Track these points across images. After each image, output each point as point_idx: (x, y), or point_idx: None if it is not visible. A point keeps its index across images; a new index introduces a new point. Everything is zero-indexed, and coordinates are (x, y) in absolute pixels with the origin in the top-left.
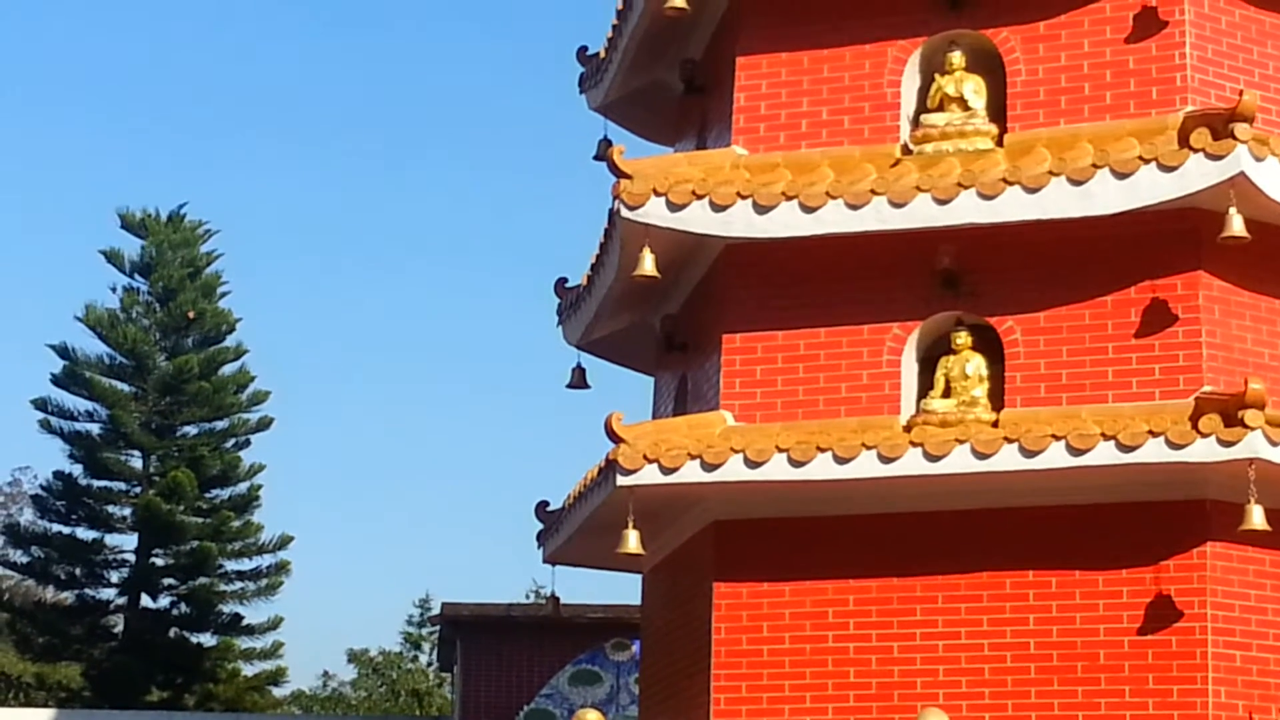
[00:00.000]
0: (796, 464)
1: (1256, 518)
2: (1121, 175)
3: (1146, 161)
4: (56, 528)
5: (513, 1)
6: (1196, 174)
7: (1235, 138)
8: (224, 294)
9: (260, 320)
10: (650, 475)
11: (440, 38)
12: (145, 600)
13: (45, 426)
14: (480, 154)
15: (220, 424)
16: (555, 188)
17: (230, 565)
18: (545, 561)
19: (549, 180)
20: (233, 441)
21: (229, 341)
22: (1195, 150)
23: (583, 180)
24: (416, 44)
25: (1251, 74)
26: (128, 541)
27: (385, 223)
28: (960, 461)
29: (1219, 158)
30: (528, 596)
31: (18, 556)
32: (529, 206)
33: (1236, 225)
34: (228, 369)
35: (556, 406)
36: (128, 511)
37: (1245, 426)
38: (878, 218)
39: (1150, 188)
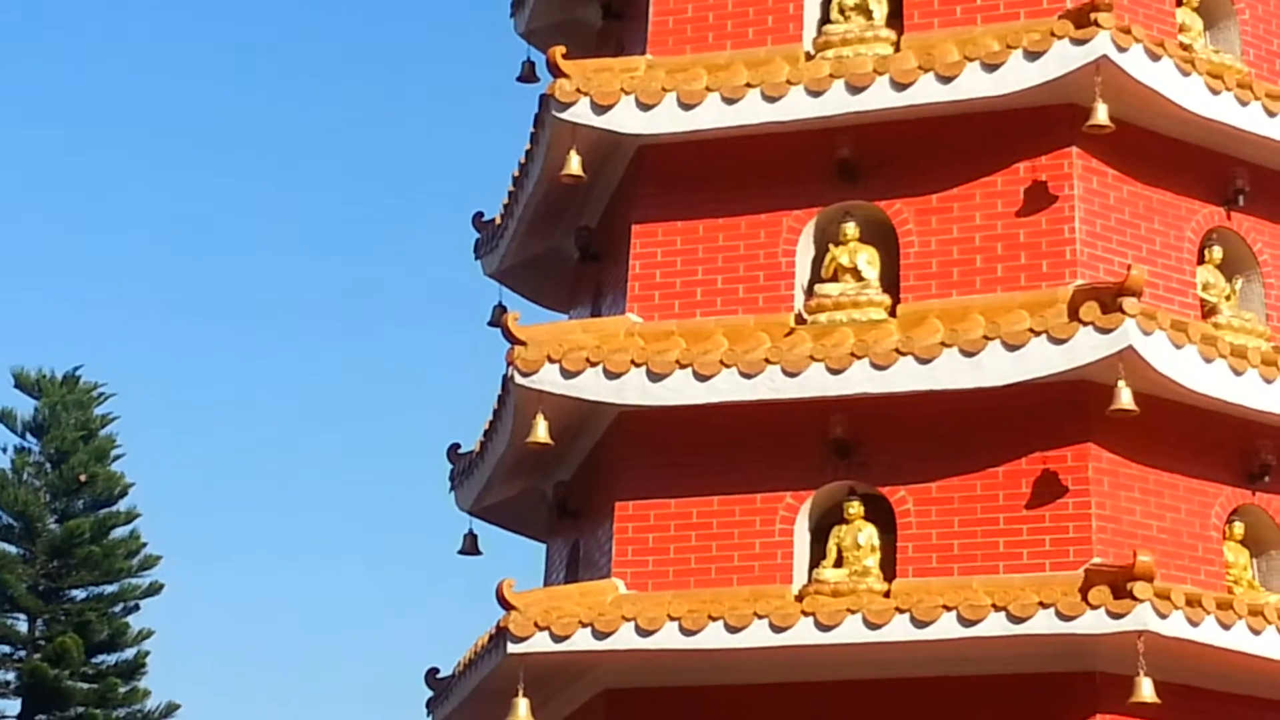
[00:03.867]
0: (688, 633)
1: (1145, 690)
2: (1012, 347)
3: (1037, 334)
4: None
5: (405, 166)
6: (1086, 347)
7: (1124, 312)
8: (117, 457)
9: (152, 484)
10: (541, 643)
11: (331, 203)
12: None
13: None
14: (372, 321)
15: (109, 588)
16: (449, 354)
17: None
18: None
19: (442, 346)
20: (121, 606)
21: (121, 505)
22: (1085, 324)
23: (477, 346)
24: (305, 210)
25: (1139, 249)
26: (11, 707)
27: (277, 389)
28: (852, 631)
29: (1108, 331)
30: None
31: None
32: (422, 372)
33: (1125, 398)
34: (118, 533)
35: (448, 573)
36: (12, 676)
37: (1134, 599)
38: (771, 387)
39: (1040, 360)
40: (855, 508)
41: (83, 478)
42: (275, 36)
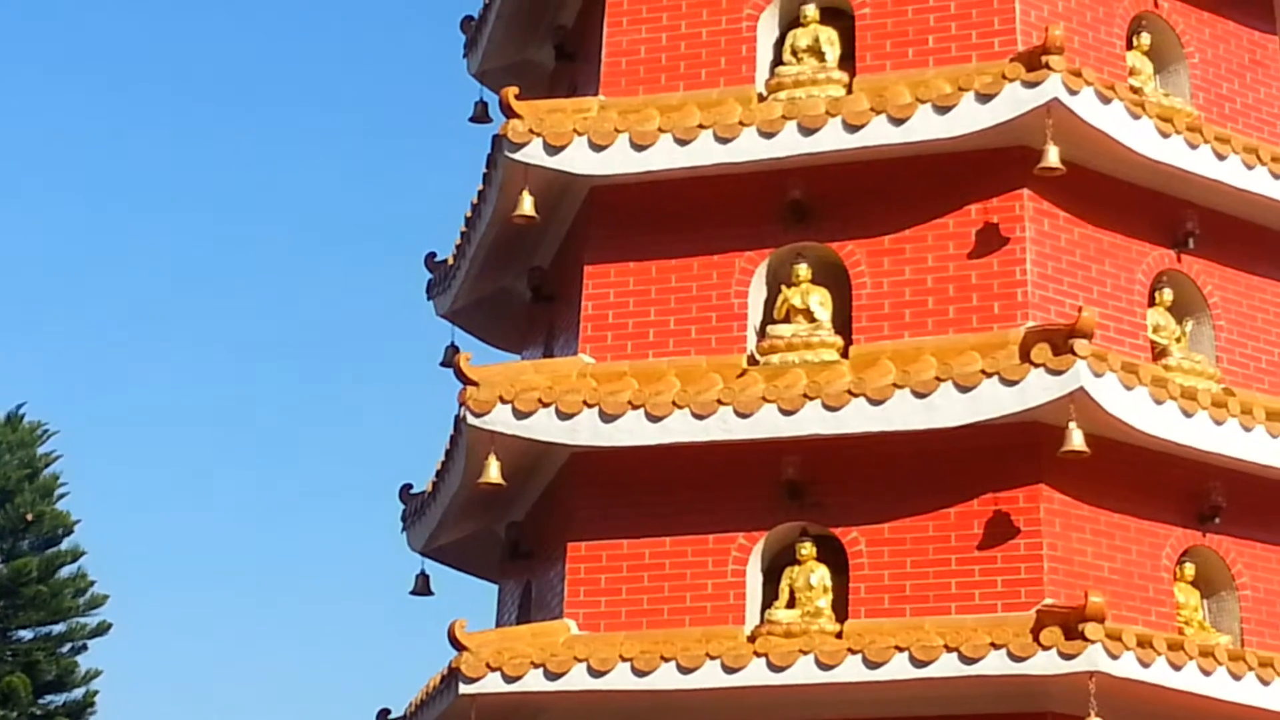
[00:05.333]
0: (640, 674)
1: None
2: (964, 389)
3: (989, 375)
4: None
5: (357, 205)
6: (1037, 388)
7: (1075, 353)
8: (62, 495)
9: (100, 522)
10: (493, 684)
11: (282, 240)
12: None
13: None
14: (324, 360)
15: (57, 628)
16: (401, 394)
17: None
18: None
19: (394, 386)
20: (69, 646)
21: (67, 544)
22: (1036, 365)
23: (429, 387)
24: (255, 246)
25: (1091, 291)
26: None
27: (227, 427)
28: (804, 672)
29: (1059, 373)
30: None
31: None
32: (374, 412)
33: (1076, 440)
34: (65, 572)
35: (399, 613)
36: None
37: (1086, 640)
38: (723, 428)
39: (992, 401)
40: (807, 549)
41: (29, 516)
42: (227, 72)
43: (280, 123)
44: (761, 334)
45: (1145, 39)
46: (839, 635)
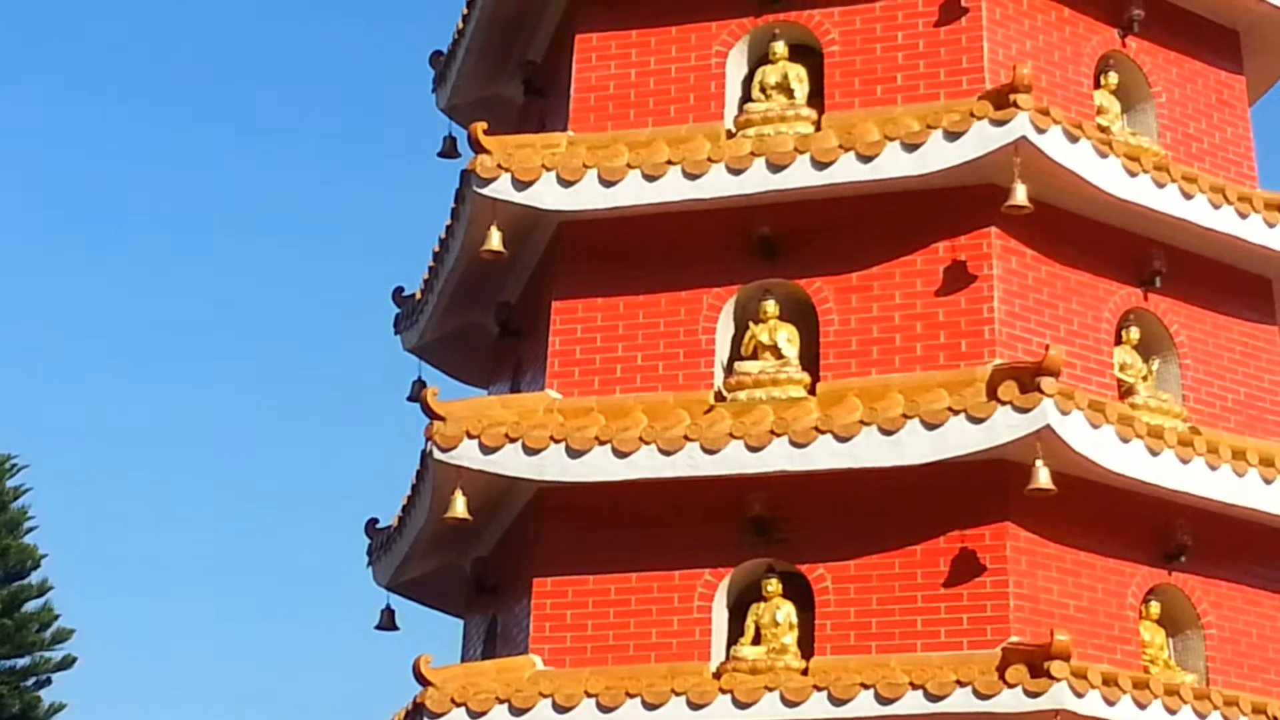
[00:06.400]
0: (605, 709)
1: None
2: (931, 426)
3: (956, 413)
4: None
5: (325, 240)
6: (1004, 426)
7: (1042, 391)
8: (30, 529)
9: (66, 556)
10: (458, 719)
11: (251, 274)
12: None
13: None
14: (292, 391)
15: (21, 662)
16: (367, 428)
17: None
18: None
19: (361, 420)
20: (34, 680)
21: (33, 578)
22: (1003, 403)
23: (396, 421)
24: (224, 278)
25: (1058, 329)
26: None
27: (194, 461)
28: (770, 709)
29: (1026, 411)
30: None
31: None
32: (340, 447)
33: (1043, 478)
34: (31, 606)
35: (364, 648)
36: None
37: (1051, 678)
38: (690, 464)
39: (959, 439)
40: (774, 585)
41: None
42: (196, 103)
43: (250, 154)
44: (729, 370)
45: (1113, 78)
46: (804, 672)
